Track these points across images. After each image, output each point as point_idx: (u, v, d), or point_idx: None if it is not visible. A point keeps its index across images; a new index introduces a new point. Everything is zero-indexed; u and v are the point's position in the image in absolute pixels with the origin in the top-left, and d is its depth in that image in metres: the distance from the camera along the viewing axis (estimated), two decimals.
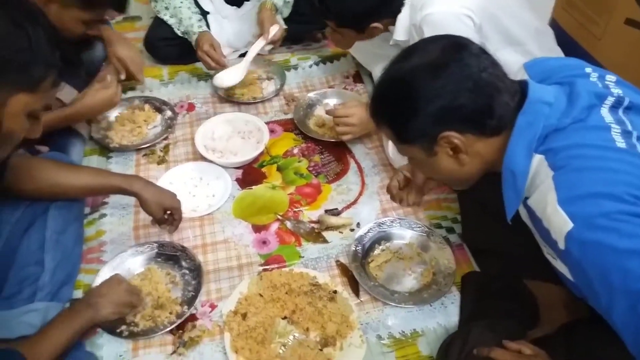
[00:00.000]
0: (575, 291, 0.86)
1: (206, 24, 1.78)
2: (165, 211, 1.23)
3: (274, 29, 1.72)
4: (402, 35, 1.38)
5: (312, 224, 1.35)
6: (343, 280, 1.23)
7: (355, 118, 1.46)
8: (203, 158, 1.50)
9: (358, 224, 1.35)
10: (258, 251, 1.29)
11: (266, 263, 1.26)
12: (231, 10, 1.86)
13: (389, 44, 1.42)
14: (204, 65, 1.73)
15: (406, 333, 1.13)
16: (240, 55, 1.83)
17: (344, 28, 1.43)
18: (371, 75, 1.76)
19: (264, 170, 1.51)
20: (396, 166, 1.44)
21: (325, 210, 1.39)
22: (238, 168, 1.50)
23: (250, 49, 1.74)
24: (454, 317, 1.15)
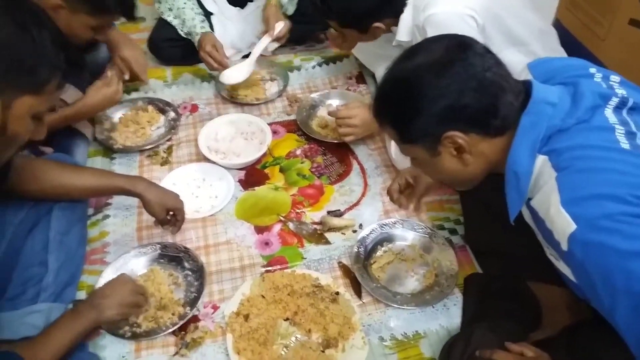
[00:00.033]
0: (578, 292, 0.85)
1: (210, 25, 1.79)
2: (168, 212, 1.23)
3: (279, 26, 1.72)
4: (405, 36, 1.37)
5: (315, 225, 1.35)
6: (345, 281, 1.23)
7: (357, 119, 1.46)
8: (206, 159, 1.50)
9: (360, 225, 1.35)
10: (260, 252, 1.29)
11: (268, 264, 1.27)
12: (235, 11, 1.87)
13: (392, 45, 1.42)
14: (206, 66, 1.73)
15: (408, 335, 1.13)
16: (243, 57, 1.83)
17: (347, 28, 1.43)
18: (374, 76, 1.76)
19: (267, 171, 1.51)
20: (399, 167, 1.44)
21: (328, 212, 1.39)
22: (241, 169, 1.50)
23: (256, 46, 1.74)
24: (456, 319, 1.15)
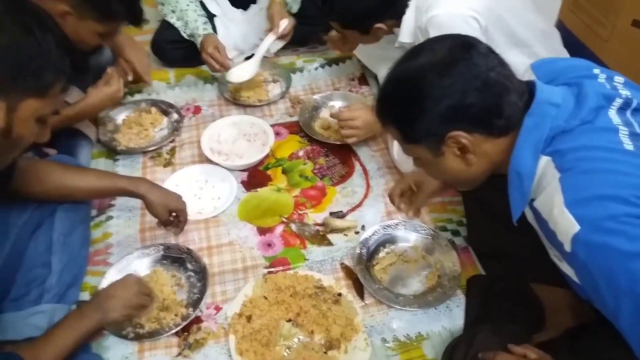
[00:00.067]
0: (581, 294, 0.85)
1: (213, 27, 1.79)
2: (170, 213, 1.24)
3: (283, 23, 1.73)
4: (408, 37, 1.37)
5: (317, 227, 1.35)
6: (348, 283, 1.23)
7: (360, 121, 1.46)
8: (209, 160, 1.50)
9: (363, 227, 1.35)
10: (263, 254, 1.30)
11: (271, 265, 1.27)
12: (238, 13, 1.87)
13: (395, 47, 1.42)
14: (209, 68, 1.74)
15: (411, 336, 1.12)
16: (246, 58, 1.83)
17: (348, 29, 1.43)
18: (376, 77, 1.76)
19: (269, 172, 1.51)
20: (401, 169, 1.44)
21: (330, 213, 1.39)
22: (243, 170, 1.51)
23: (261, 44, 1.74)
24: (459, 321, 1.15)
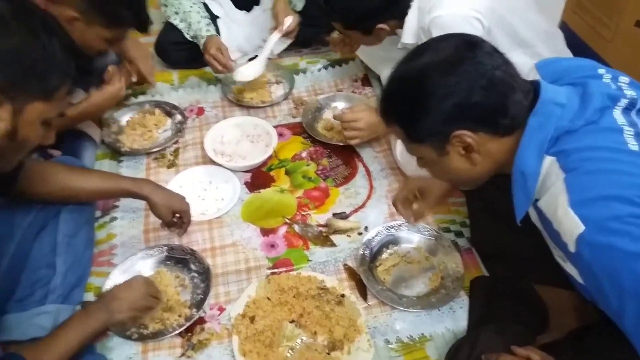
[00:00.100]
0: (585, 294, 0.85)
1: (216, 29, 1.80)
2: (174, 214, 1.24)
3: (288, 20, 1.73)
4: (410, 38, 1.37)
5: (320, 228, 1.36)
6: (351, 284, 1.23)
7: (363, 122, 1.46)
8: (212, 162, 1.51)
9: (366, 228, 1.35)
10: (266, 254, 1.30)
11: (274, 266, 1.27)
12: (241, 14, 1.88)
13: (397, 48, 1.42)
14: (211, 69, 1.74)
15: (414, 337, 1.12)
16: (249, 59, 1.84)
17: (351, 30, 1.43)
18: (379, 78, 1.76)
19: (273, 173, 1.51)
20: (404, 170, 1.43)
21: (333, 214, 1.39)
22: (247, 171, 1.51)
23: (266, 42, 1.75)
24: (462, 322, 1.14)
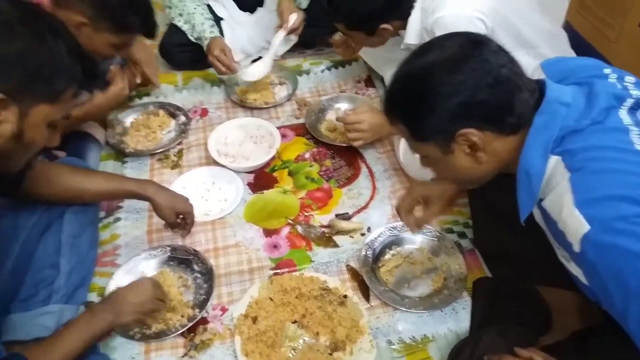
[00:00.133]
0: (589, 295, 0.84)
1: (220, 30, 1.80)
2: (177, 215, 1.25)
3: (292, 17, 1.73)
4: (414, 38, 1.37)
5: (323, 229, 1.36)
6: (353, 284, 1.23)
7: (366, 124, 1.46)
8: (216, 163, 1.51)
9: (369, 229, 1.35)
10: (269, 255, 1.30)
11: (277, 267, 1.27)
12: (244, 16, 1.89)
13: (401, 48, 1.42)
14: (215, 70, 1.75)
15: (417, 338, 1.12)
16: (253, 61, 1.84)
17: (354, 31, 1.43)
18: (383, 79, 1.76)
19: (276, 174, 1.52)
20: (407, 171, 1.43)
21: (336, 215, 1.39)
22: (250, 172, 1.51)
23: (272, 41, 1.75)
24: (465, 323, 1.14)
